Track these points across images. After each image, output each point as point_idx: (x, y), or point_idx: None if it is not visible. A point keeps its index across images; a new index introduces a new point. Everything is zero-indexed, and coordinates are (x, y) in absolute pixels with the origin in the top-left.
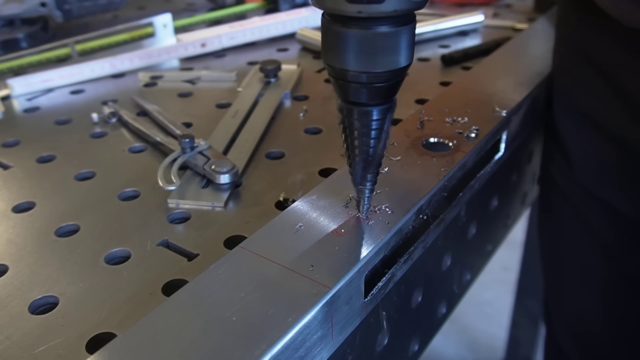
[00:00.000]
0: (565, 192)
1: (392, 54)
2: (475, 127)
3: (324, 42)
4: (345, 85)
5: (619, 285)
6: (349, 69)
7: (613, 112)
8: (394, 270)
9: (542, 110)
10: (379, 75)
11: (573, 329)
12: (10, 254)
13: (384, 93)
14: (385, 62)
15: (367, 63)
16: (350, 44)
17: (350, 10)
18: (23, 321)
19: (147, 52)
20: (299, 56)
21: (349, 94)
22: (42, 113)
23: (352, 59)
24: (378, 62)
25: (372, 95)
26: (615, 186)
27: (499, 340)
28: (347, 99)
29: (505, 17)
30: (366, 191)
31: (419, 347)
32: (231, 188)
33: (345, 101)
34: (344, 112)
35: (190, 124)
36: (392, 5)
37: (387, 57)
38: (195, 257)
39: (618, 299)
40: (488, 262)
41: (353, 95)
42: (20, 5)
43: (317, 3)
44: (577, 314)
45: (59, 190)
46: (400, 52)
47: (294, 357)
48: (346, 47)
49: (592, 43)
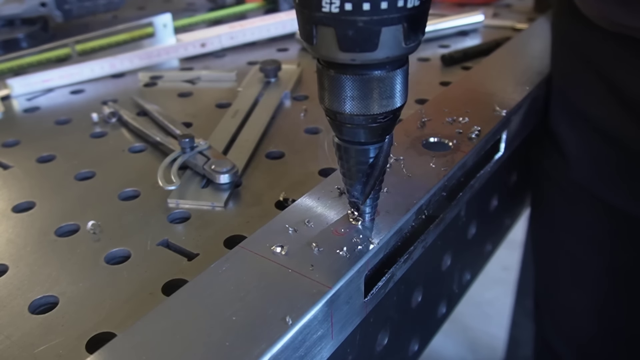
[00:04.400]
0: (559, 188)
1: (387, 96)
2: (477, 127)
3: (320, 84)
4: (341, 125)
5: (610, 280)
6: (345, 112)
7: (609, 110)
8: (393, 270)
9: (542, 110)
10: (375, 117)
11: (562, 325)
12: (10, 254)
13: (379, 132)
14: (380, 104)
15: (362, 106)
16: (345, 89)
17: (344, 58)
18: (23, 321)
19: (147, 52)
20: (299, 56)
21: (345, 133)
22: (42, 113)
23: (348, 103)
24: (373, 105)
25: (368, 135)
26: (611, 183)
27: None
28: (343, 138)
29: (505, 17)
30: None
31: (419, 347)
32: (231, 188)
33: (342, 140)
34: (341, 149)
35: (190, 124)
36: (385, 53)
37: (382, 99)
38: (195, 257)
39: (608, 294)
40: (488, 262)
41: (349, 135)
42: (20, 5)
43: (312, 51)
44: (567, 309)
45: (59, 190)
46: (394, 93)
47: (293, 356)
48: (341, 91)
49: (586, 43)
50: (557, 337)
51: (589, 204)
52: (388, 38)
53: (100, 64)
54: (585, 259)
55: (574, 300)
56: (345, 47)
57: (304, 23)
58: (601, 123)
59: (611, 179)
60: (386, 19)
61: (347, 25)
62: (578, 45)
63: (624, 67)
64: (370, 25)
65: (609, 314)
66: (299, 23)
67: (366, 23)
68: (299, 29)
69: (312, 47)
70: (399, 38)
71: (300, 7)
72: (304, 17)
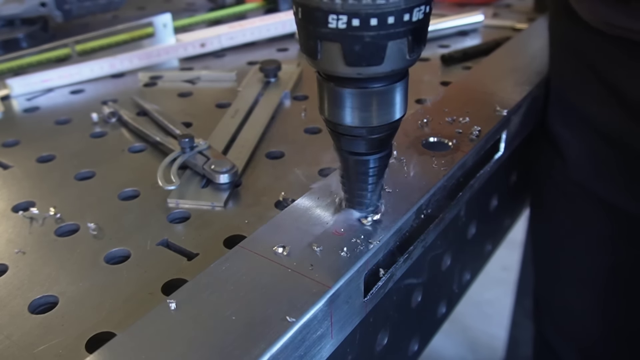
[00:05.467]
0: (559, 188)
1: (388, 108)
2: (477, 127)
3: (320, 96)
4: (342, 136)
5: (610, 280)
6: (346, 124)
7: (608, 110)
8: (393, 269)
9: (542, 110)
10: (375, 129)
11: (562, 324)
12: (10, 254)
13: (379, 143)
14: (381, 116)
15: (363, 119)
16: (347, 102)
17: (350, 72)
18: (23, 320)
19: (146, 52)
20: (299, 56)
21: (346, 144)
22: (42, 113)
23: (349, 115)
24: (374, 117)
25: (368, 146)
26: (611, 183)
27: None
28: (344, 149)
29: (505, 17)
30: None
31: (418, 347)
32: (231, 188)
33: (342, 150)
34: (342, 158)
35: (190, 124)
36: (390, 66)
37: (383, 111)
38: (195, 256)
39: (608, 294)
40: (488, 262)
41: (349, 146)
42: (20, 5)
43: (314, 65)
44: (567, 308)
45: (59, 190)
46: (395, 105)
47: (293, 356)
48: (342, 104)
49: (584, 45)
50: (557, 337)
51: (588, 204)
52: (394, 52)
53: (100, 64)
54: (584, 258)
55: (574, 300)
56: (351, 62)
57: (307, 38)
58: (600, 123)
59: (611, 179)
60: (392, 34)
61: (354, 41)
62: (575, 47)
63: (623, 69)
64: (377, 40)
65: (608, 313)
66: (301, 37)
67: (373, 38)
68: (300, 43)
69: (316, 61)
70: (403, 51)
71: (304, 22)
72: (307, 32)
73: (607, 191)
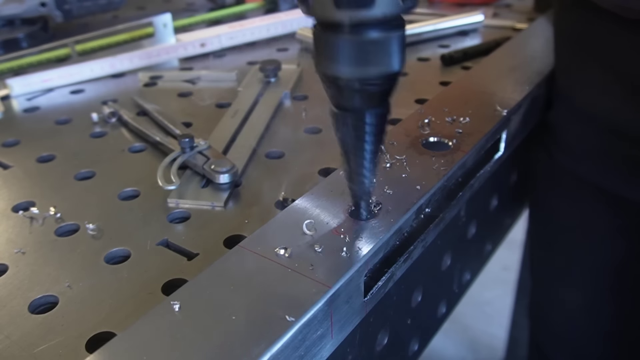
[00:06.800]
0: (559, 187)
1: (383, 59)
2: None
3: (316, 49)
4: (337, 91)
5: (603, 279)
6: (341, 76)
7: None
8: (393, 269)
9: (542, 109)
10: (371, 80)
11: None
12: (10, 254)
13: (375, 97)
14: (377, 67)
15: (358, 69)
16: (341, 51)
17: (341, 17)
18: (23, 320)
19: (146, 52)
20: (299, 56)
21: (341, 99)
22: (42, 113)
23: (344, 66)
24: (369, 67)
25: (364, 99)
26: (619, 176)
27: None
28: (340, 105)
29: (505, 17)
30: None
31: (418, 347)
32: (231, 188)
33: (339, 107)
34: (338, 118)
35: (190, 124)
36: (381, 10)
37: (378, 62)
38: (195, 256)
39: (603, 292)
40: (488, 262)
41: (345, 100)
42: (20, 5)
43: (307, 11)
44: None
45: (59, 190)
46: (391, 56)
47: (293, 356)
48: (337, 54)
49: (594, 34)
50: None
51: (592, 200)
52: None
53: (100, 64)
54: (579, 257)
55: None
56: (341, 3)
57: None
58: (609, 115)
59: (619, 171)
60: None
61: None
62: (584, 37)
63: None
64: None
65: (602, 313)
66: None
67: None
68: None
69: (308, 7)
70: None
71: None
72: None
73: (614, 184)
